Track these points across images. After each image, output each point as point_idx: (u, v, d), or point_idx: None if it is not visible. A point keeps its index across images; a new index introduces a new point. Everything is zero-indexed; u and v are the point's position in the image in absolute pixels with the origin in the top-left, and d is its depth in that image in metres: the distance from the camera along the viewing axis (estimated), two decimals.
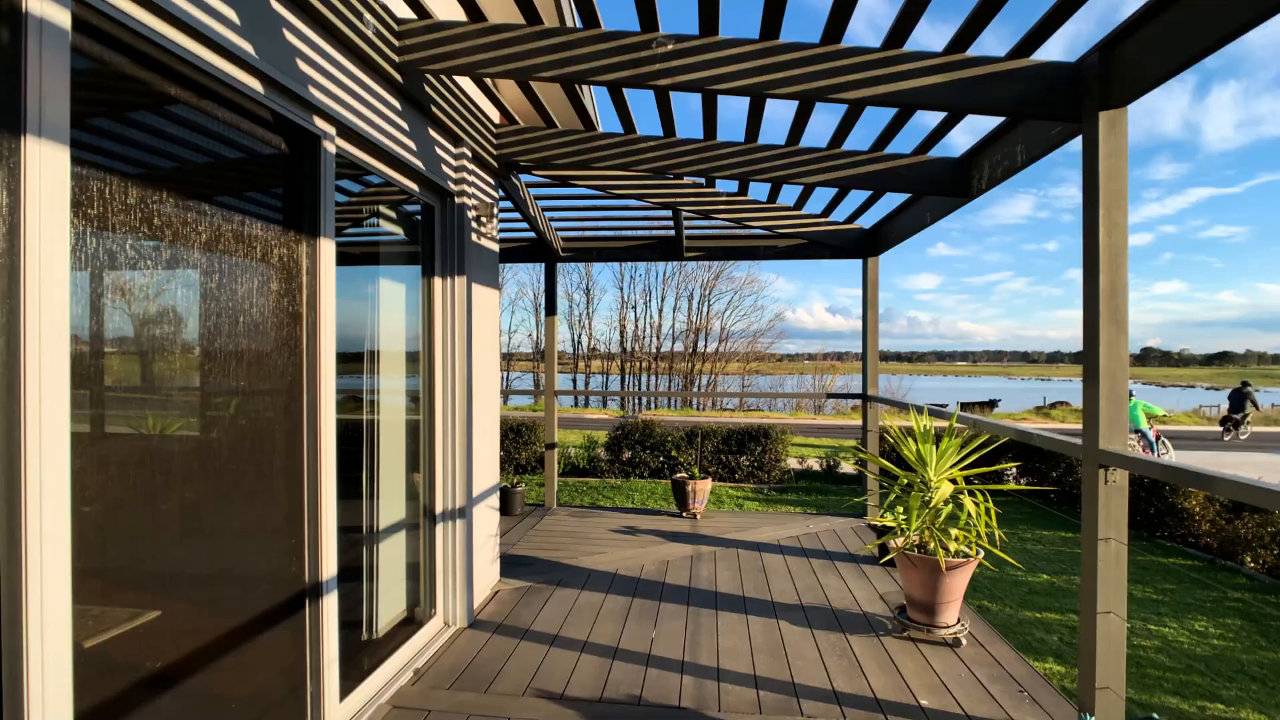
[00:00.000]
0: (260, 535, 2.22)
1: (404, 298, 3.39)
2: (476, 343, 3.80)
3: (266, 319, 2.19)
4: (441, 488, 3.55)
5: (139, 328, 1.76)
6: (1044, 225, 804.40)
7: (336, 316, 2.64)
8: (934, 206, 4.36)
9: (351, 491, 3.03)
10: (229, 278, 2.04)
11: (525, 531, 5.49)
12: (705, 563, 4.73)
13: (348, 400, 3.05)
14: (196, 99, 1.90)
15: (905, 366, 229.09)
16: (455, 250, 3.57)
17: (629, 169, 3.95)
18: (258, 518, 2.21)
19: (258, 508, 2.20)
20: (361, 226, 3.08)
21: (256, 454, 2.18)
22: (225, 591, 2.08)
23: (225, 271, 2.02)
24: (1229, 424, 19.69)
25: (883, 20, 3.58)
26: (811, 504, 10.33)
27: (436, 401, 3.51)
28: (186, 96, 1.86)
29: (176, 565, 1.89)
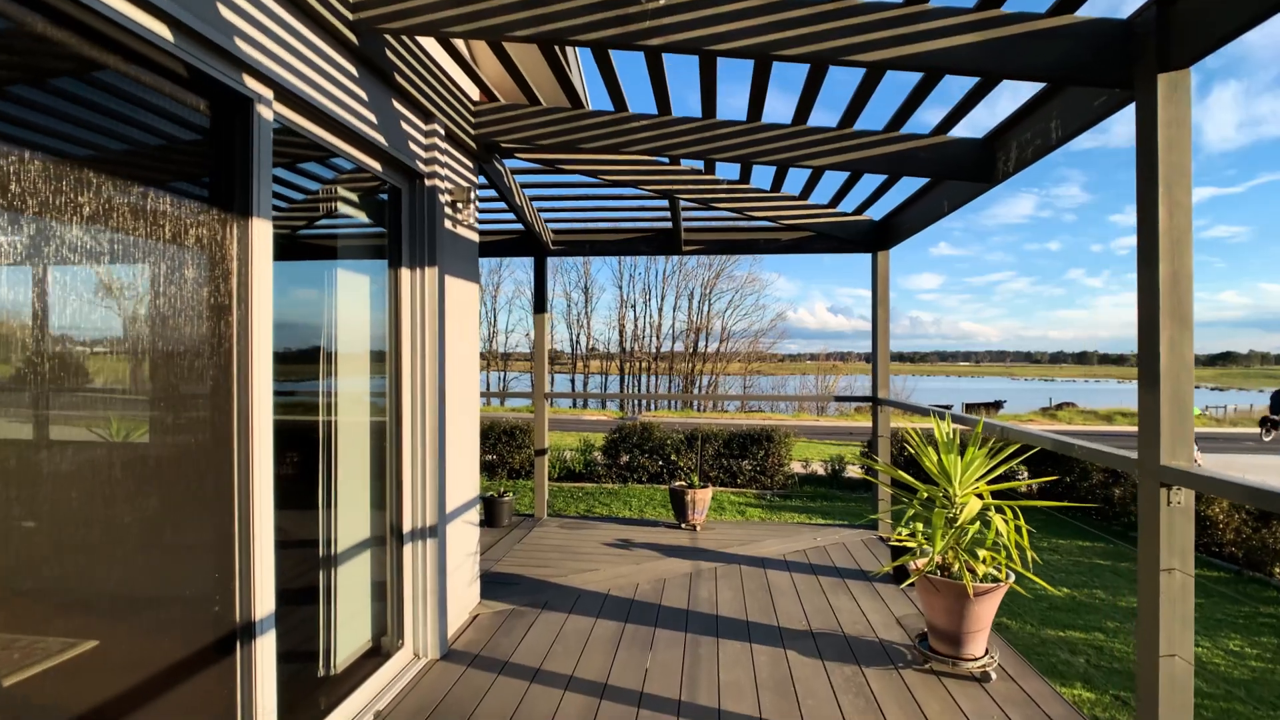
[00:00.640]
0: (175, 569, 1.87)
1: (367, 290, 3.03)
2: (450, 341, 3.44)
3: (178, 312, 1.84)
4: (410, 503, 3.19)
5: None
6: (1046, 225, 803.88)
7: (279, 311, 2.30)
8: (953, 193, 4.00)
9: (305, 509, 2.69)
10: (128, 262, 1.69)
11: (512, 545, 5.14)
12: (705, 581, 4.36)
13: (299, 407, 2.71)
14: (79, 43, 1.54)
15: (908, 367, 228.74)
16: (425, 238, 3.22)
17: (621, 151, 3.59)
18: (170, 549, 1.85)
19: (169, 537, 1.85)
20: (315, 210, 2.73)
21: (168, 473, 1.82)
22: (128, 639, 1.73)
23: (122, 255, 1.67)
24: (1268, 424, 19.36)
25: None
26: (816, 511, 9.97)
27: (404, 407, 3.16)
28: (66, 41, 1.51)
29: (62, 611, 1.54)
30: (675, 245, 5.89)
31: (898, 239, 5.17)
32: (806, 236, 5.79)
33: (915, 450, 3.23)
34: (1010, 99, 3.17)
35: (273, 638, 2.15)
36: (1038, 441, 2.88)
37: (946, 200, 4.12)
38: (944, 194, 4.13)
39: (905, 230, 4.94)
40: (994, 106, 3.62)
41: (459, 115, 3.48)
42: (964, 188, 3.81)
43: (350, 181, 2.87)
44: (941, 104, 3.41)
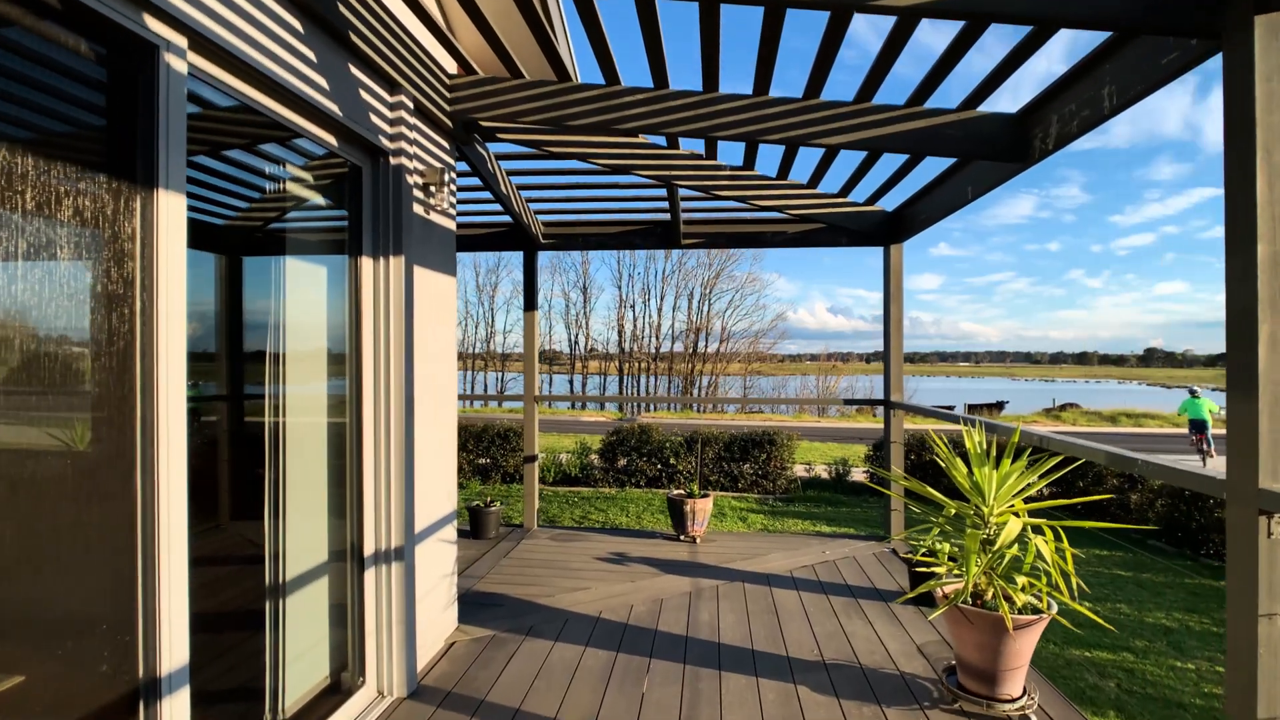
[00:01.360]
0: (48, 621, 1.51)
1: (323, 282, 2.67)
2: (421, 340, 3.08)
3: (49, 303, 1.48)
4: (373, 523, 2.83)
5: None
6: (1046, 225, 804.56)
7: (210, 304, 1.94)
8: (979, 177, 3.64)
9: (249, 531, 2.33)
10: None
11: (497, 560, 4.77)
12: (706, 601, 4.00)
13: (239, 414, 2.35)
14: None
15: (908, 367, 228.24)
16: (390, 224, 2.85)
17: (612, 129, 3.23)
18: (47, 595, 1.49)
19: (44, 582, 1.49)
20: (257, 188, 2.37)
21: (36, 496, 1.46)
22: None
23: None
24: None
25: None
26: (821, 517, 9.60)
27: (365, 414, 2.79)
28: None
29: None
30: (674, 238, 5.53)
31: (912, 231, 4.81)
32: (814, 229, 5.43)
33: (945, 462, 2.87)
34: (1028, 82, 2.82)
35: (186, 696, 1.78)
36: (1085, 454, 2.52)
37: (971, 186, 3.75)
38: (968, 178, 3.77)
39: (921, 221, 4.58)
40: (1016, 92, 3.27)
41: (431, 88, 3.12)
42: (992, 170, 3.45)
43: (300, 157, 2.51)
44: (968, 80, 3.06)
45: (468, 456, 11.85)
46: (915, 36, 2.66)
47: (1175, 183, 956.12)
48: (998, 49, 2.98)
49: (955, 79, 3.15)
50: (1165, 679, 4.66)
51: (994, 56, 2.83)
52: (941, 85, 3.00)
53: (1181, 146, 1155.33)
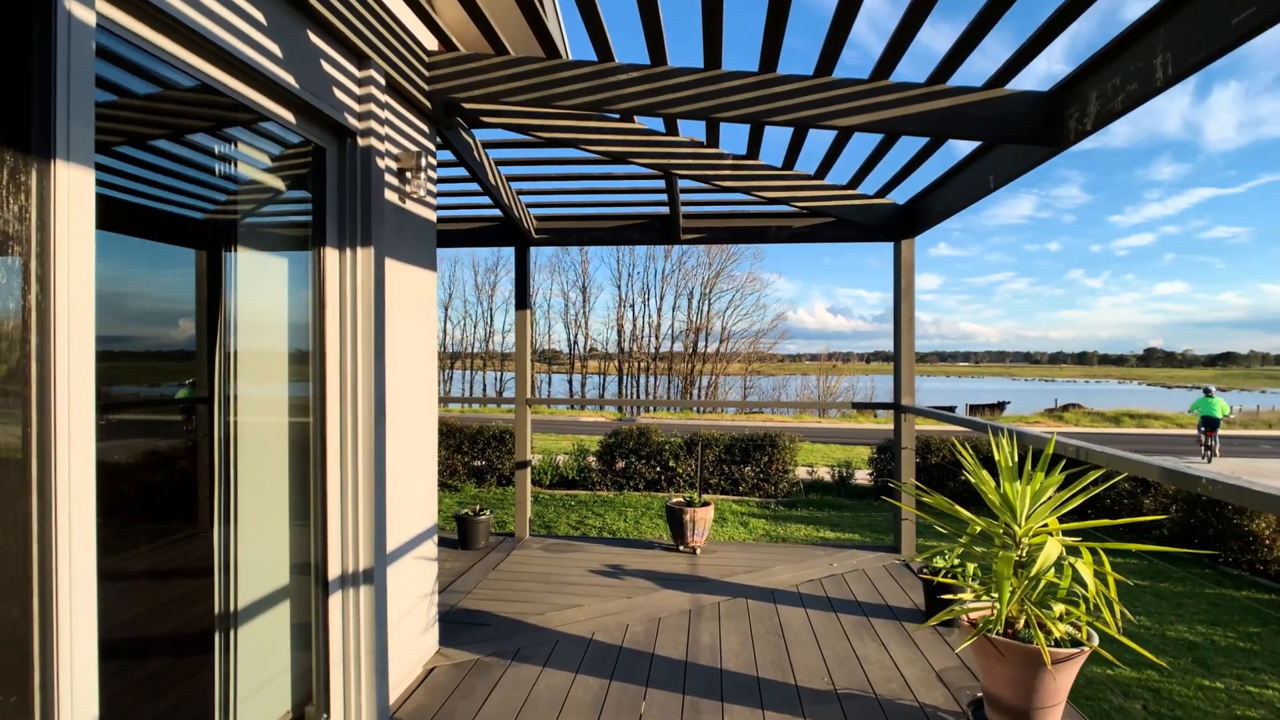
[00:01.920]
0: None
1: (282, 274, 2.40)
2: (394, 339, 2.81)
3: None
4: (338, 542, 2.55)
5: None
6: (1045, 225, 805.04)
7: (152, 297, 1.69)
8: (1002, 164, 3.37)
9: (195, 553, 2.07)
10: None
11: (486, 573, 4.50)
12: (707, 621, 3.73)
13: (181, 423, 2.08)
14: None
15: None
16: (358, 212, 2.58)
17: (605, 109, 2.96)
18: None
19: None
20: (202, 168, 2.10)
21: None
22: None
23: None
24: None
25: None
26: (825, 522, 9.33)
27: (330, 422, 2.52)
28: None
29: None
30: (673, 233, 5.26)
31: (925, 225, 4.54)
32: (821, 223, 5.15)
33: (973, 477, 2.59)
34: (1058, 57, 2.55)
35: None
36: (1133, 469, 2.24)
37: (993, 174, 3.48)
38: (990, 166, 3.50)
39: (936, 214, 4.30)
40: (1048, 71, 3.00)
41: (406, 65, 2.84)
42: (1019, 156, 3.18)
43: (252, 135, 2.24)
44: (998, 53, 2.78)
45: (463, 459, 11.59)
46: (938, 8, 2.39)
47: (1175, 183, 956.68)
48: (1027, 21, 2.71)
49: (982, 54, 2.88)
50: (1194, 699, 4.39)
51: (1025, 29, 2.57)
52: (965, 63, 2.74)
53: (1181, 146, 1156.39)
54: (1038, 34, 2.41)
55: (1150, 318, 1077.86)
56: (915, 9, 2.35)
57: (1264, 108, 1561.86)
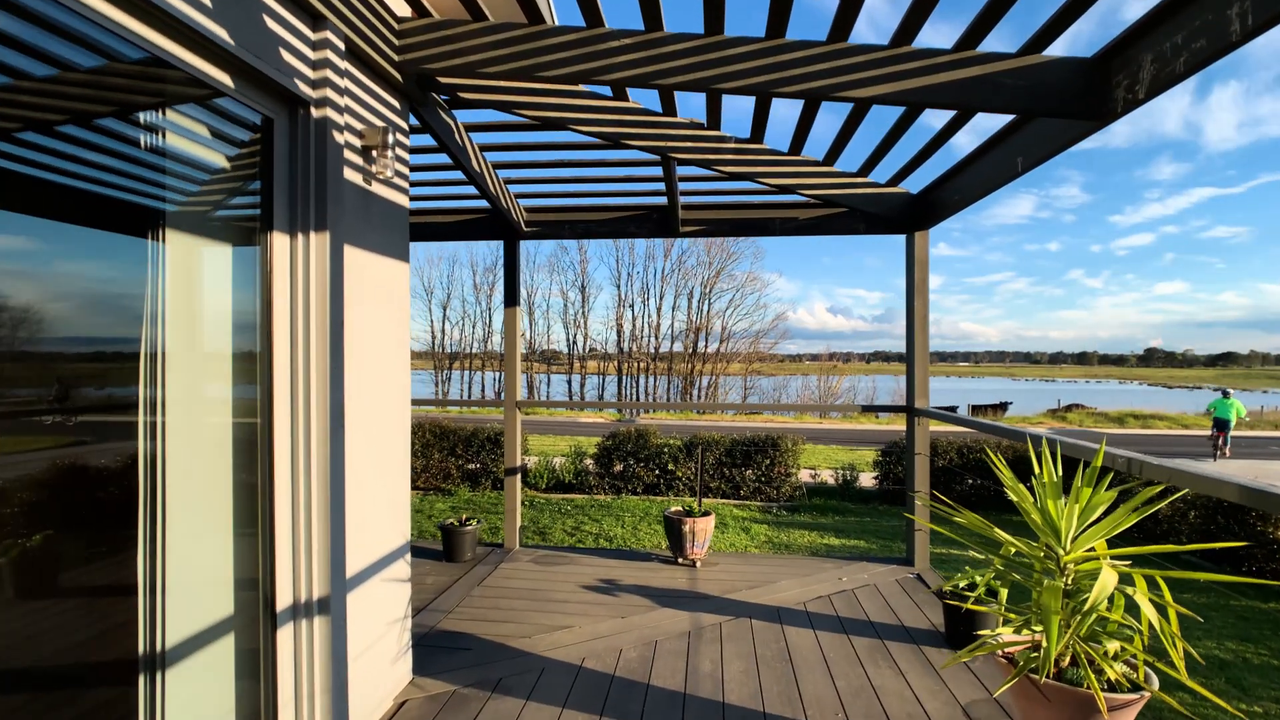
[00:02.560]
0: None
1: (220, 263, 2.10)
2: (356, 336, 2.50)
3: None
4: (288, 568, 2.25)
5: None
6: (1045, 225, 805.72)
7: (54, 290, 1.38)
8: (1033, 144, 3.06)
9: (113, 584, 1.77)
10: None
11: (470, 589, 4.19)
12: (708, 644, 3.42)
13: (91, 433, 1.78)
14: None
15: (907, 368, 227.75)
16: (310, 192, 2.27)
17: (594, 80, 2.65)
18: None
19: None
20: (121, 138, 1.79)
21: None
22: None
23: None
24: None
25: None
26: (829, 528, 9.02)
27: (277, 431, 2.21)
28: None
29: None
30: (672, 226, 4.95)
31: (941, 215, 4.23)
32: (828, 215, 4.84)
33: (1013, 494, 2.28)
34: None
35: None
36: (1204, 487, 1.93)
37: (1021, 156, 3.17)
38: (1018, 146, 3.19)
39: (953, 203, 4.00)
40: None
41: (370, 29, 2.54)
42: (1054, 133, 2.87)
43: (181, 100, 1.93)
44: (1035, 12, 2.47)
45: (457, 462, 11.29)
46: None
47: (1175, 183, 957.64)
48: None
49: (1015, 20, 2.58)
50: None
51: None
52: (999, 24, 2.44)
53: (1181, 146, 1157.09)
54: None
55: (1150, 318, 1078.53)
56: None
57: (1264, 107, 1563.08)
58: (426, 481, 11.27)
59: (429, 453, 11.25)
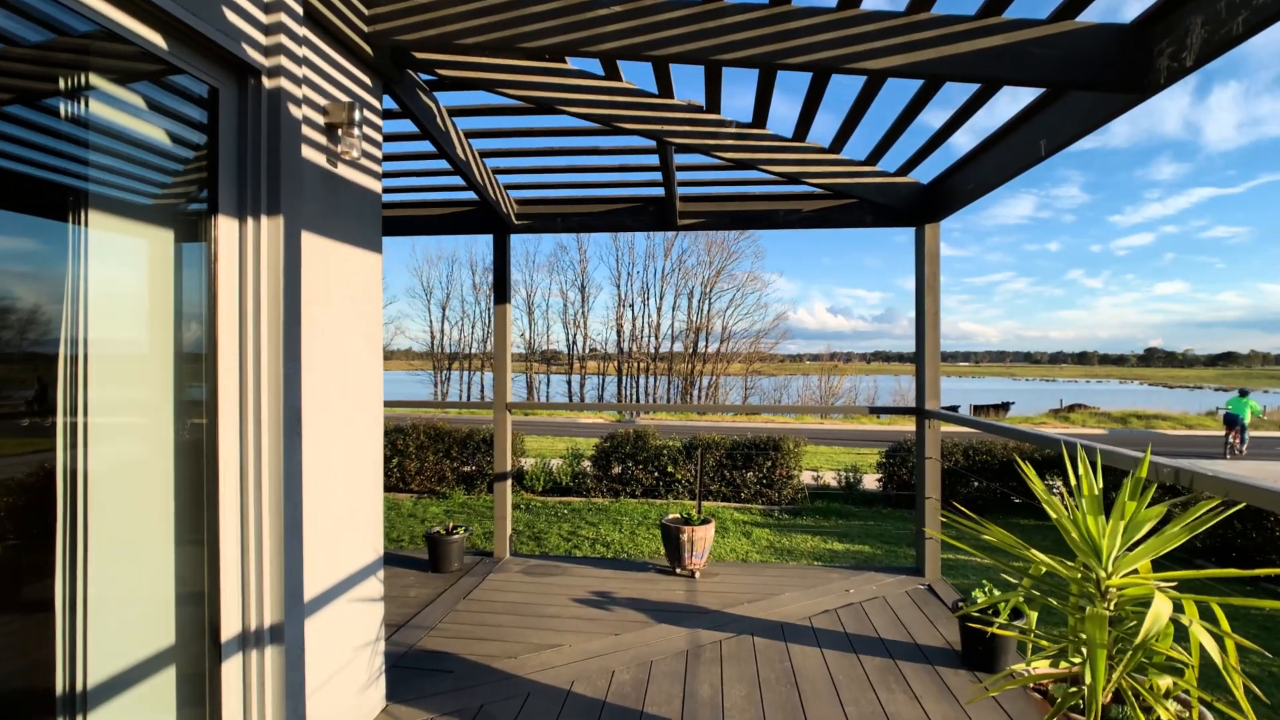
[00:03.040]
0: None
1: (157, 252, 1.86)
2: (319, 332, 2.26)
3: None
4: (236, 591, 2.01)
5: None
6: (1045, 225, 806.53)
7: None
8: (1059, 124, 2.82)
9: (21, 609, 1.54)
10: None
11: (455, 602, 3.95)
12: (707, 665, 3.18)
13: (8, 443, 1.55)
14: None
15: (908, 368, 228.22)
16: (262, 171, 2.04)
17: (581, 50, 2.41)
18: None
19: None
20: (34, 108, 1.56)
21: None
22: None
23: None
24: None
25: None
26: (833, 532, 8.78)
27: (223, 438, 1.97)
28: None
29: None
30: (669, 218, 4.71)
31: (954, 205, 4.00)
32: (834, 206, 4.61)
33: (1052, 509, 2.05)
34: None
35: None
36: (1267, 502, 1.70)
37: (1045, 138, 2.94)
38: (1041, 128, 2.95)
39: (968, 192, 3.76)
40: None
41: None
42: (1084, 110, 2.63)
43: (111, 65, 1.70)
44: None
45: (451, 464, 11.05)
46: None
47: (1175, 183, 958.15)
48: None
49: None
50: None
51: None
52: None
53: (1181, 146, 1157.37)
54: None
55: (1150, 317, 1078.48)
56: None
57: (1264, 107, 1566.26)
58: (421, 484, 11.03)
59: (423, 455, 11.02)
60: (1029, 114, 3.02)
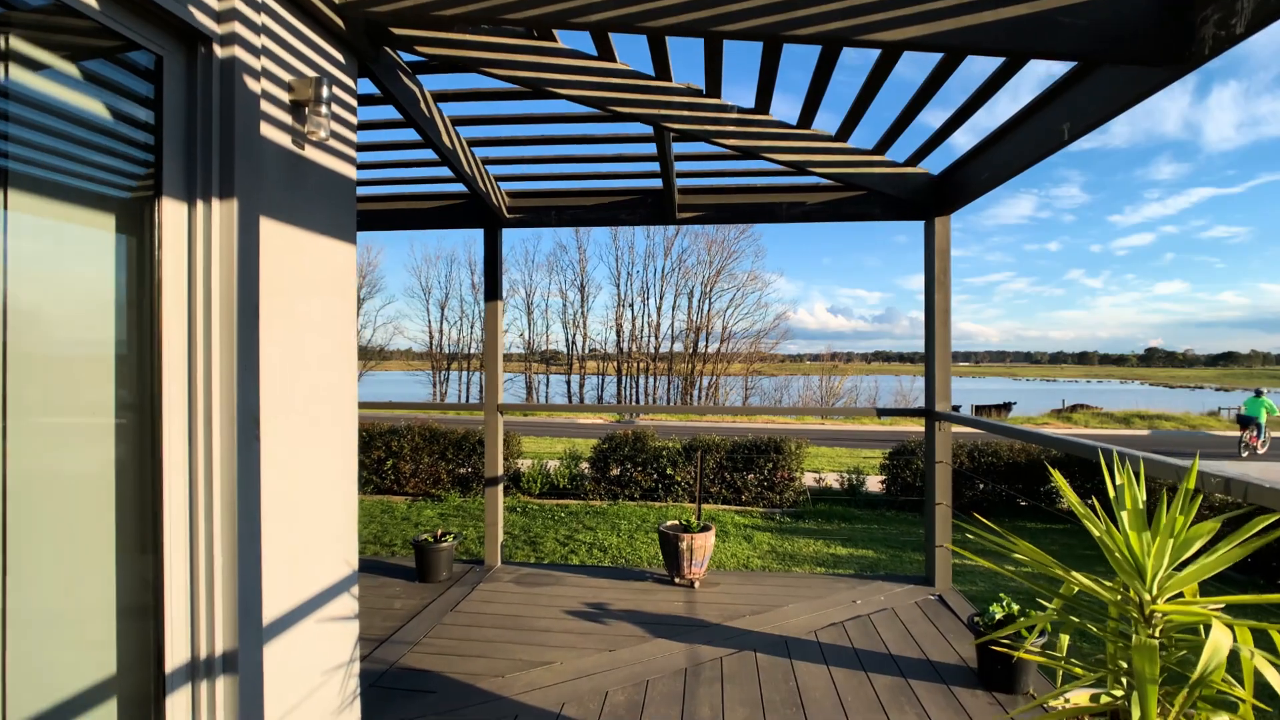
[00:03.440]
0: None
1: (91, 238, 1.66)
2: (282, 329, 2.06)
3: None
4: (183, 616, 1.81)
5: None
6: (1045, 225, 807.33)
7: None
8: (1085, 105, 2.62)
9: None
10: None
11: (442, 615, 3.75)
12: (706, 684, 2.98)
13: None
14: None
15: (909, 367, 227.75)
16: (213, 149, 1.84)
17: (569, 21, 2.22)
18: None
19: None
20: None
21: None
22: None
23: None
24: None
25: None
26: (836, 535, 8.59)
27: (168, 445, 1.77)
28: None
29: None
30: (668, 212, 4.51)
31: (967, 196, 3.80)
32: (840, 198, 4.41)
33: (1094, 526, 1.84)
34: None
35: None
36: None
37: (1068, 121, 2.74)
38: (1065, 110, 2.75)
39: (982, 182, 3.56)
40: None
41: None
42: (1114, 90, 2.43)
43: (37, 28, 1.50)
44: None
45: (447, 466, 10.86)
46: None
47: (1174, 183, 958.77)
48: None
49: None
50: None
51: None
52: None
53: (1181, 146, 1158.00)
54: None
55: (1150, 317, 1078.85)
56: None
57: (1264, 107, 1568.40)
58: (416, 487, 10.84)
59: (418, 457, 10.83)
60: (1051, 96, 2.82)
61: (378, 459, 10.84)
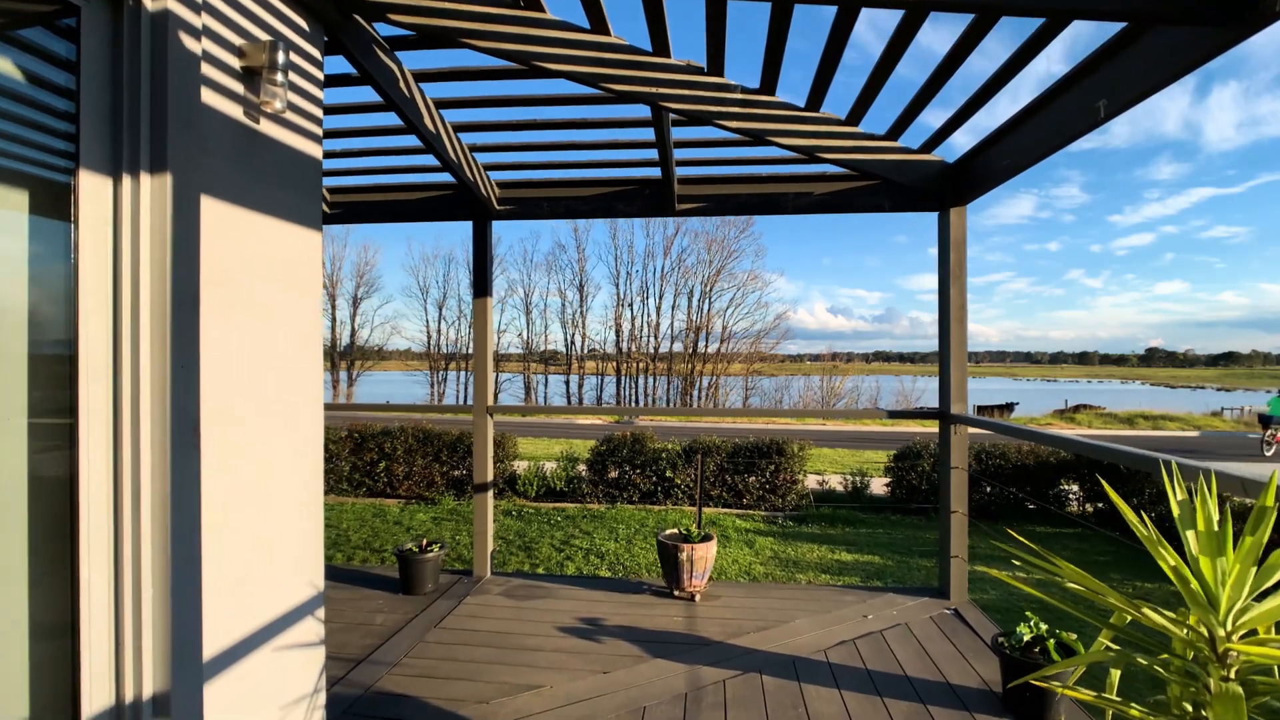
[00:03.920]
0: None
1: (6, 222, 1.43)
2: (228, 323, 1.82)
3: None
4: (105, 653, 1.57)
5: None
6: (1045, 225, 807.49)
7: None
8: (1128, 77, 2.38)
9: None
10: None
11: (424, 632, 3.51)
12: (709, 711, 2.74)
13: None
14: None
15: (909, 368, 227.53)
16: (141, 114, 1.60)
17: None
18: None
19: None
20: None
21: None
22: None
23: None
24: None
25: None
26: (840, 540, 8.35)
27: (85, 455, 1.54)
28: None
29: None
30: (667, 202, 4.27)
31: (985, 185, 3.56)
32: (848, 188, 4.17)
33: (1150, 545, 1.60)
34: None
35: None
36: None
37: (1105, 97, 2.49)
38: (1102, 84, 2.51)
39: (1003, 168, 3.32)
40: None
41: None
42: (1160, 56, 2.19)
43: None
44: None
45: (441, 469, 10.63)
46: None
47: (1174, 182, 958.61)
48: None
49: None
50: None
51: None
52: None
53: (1181, 146, 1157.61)
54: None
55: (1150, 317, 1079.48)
56: None
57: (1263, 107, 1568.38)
58: (409, 490, 10.61)
59: (411, 459, 10.60)
60: (1084, 71, 2.58)
61: (370, 461, 10.61)
